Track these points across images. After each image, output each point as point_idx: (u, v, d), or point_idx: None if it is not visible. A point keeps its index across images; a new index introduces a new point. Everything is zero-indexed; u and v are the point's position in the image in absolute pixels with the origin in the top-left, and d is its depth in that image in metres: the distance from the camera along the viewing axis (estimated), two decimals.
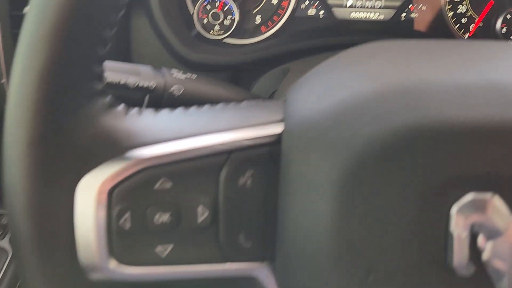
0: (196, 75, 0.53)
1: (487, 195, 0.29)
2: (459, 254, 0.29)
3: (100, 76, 0.33)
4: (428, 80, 0.31)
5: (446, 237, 0.30)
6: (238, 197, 0.34)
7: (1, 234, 0.79)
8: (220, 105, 0.38)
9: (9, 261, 0.77)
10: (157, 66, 0.52)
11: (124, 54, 0.78)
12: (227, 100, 0.46)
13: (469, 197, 0.29)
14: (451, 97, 0.30)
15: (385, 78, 0.32)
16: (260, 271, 0.36)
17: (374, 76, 0.33)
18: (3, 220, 0.80)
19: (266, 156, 0.34)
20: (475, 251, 0.30)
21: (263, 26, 0.81)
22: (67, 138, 0.31)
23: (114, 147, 0.32)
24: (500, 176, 0.29)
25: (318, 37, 0.78)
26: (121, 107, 0.34)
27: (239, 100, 0.42)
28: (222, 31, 0.79)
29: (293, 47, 0.78)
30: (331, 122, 0.31)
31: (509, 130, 0.29)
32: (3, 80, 0.71)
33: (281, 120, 0.35)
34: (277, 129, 0.34)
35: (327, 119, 0.32)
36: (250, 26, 0.80)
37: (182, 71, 0.53)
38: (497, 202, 0.29)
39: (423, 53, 0.35)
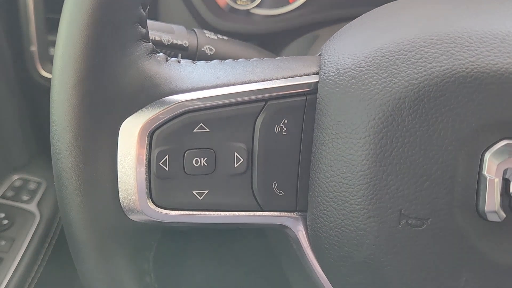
0: (227, 38, 0.54)
1: None
2: (491, 199, 0.30)
3: (144, 21, 0.34)
4: (465, 28, 0.32)
5: (478, 182, 0.31)
6: (273, 145, 0.35)
7: (29, 198, 0.81)
8: (255, 59, 0.39)
9: (37, 224, 0.79)
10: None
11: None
12: None
13: (503, 143, 0.30)
14: (488, 44, 0.31)
15: (423, 26, 0.33)
16: (292, 220, 0.37)
17: (412, 24, 0.33)
18: (30, 185, 0.83)
19: (301, 106, 0.35)
20: (506, 197, 0.30)
21: None
22: (112, 78, 0.32)
23: (155, 91, 0.33)
24: None
25: (346, 7, 0.78)
26: (161, 54, 0.35)
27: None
28: (249, 1, 0.79)
29: (320, 18, 0.78)
30: (369, 70, 0.32)
31: None
32: (33, 48, 0.72)
33: (317, 72, 0.36)
34: (313, 79, 0.35)
35: (365, 66, 0.32)
36: None
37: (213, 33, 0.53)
38: None
39: (460, 5, 0.35)
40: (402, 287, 0.32)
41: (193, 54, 0.50)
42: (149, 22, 0.49)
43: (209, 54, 0.50)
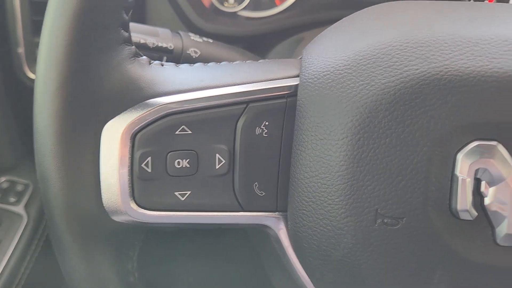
0: (212, 40, 0.55)
1: (492, 143, 0.31)
2: (463, 199, 0.31)
3: (126, 25, 0.34)
4: (440, 33, 0.33)
5: (451, 182, 0.31)
6: (254, 146, 0.35)
7: (17, 200, 0.81)
8: (238, 62, 0.40)
9: (25, 226, 0.79)
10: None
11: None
12: None
13: (474, 144, 0.31)
14: (461, 48, 0.32)
15: (400, 30, 0.33)
16: (273, 220, 0.37)
17: (389, 29, 0.34)
18: (17, 187, 0.83)
19: (282, 108, 0.36)
20: (478, 196, 0.31)
21: None
22: (95, 81, 0.32)
23: (138, 93, 0.34)
24: (505, 125, 0.31)
25: (332, 10, 0.79)
26: (145, 58, 0.36)
27: None
28: (236, 4, 0.80)
29: (307, 20, 0.79)
30: (347, 73, 0.33)
31: None
32: (21, 50, 0.72)
33: (297, 75, 0.36)
34: (293, 82, 0.36)
35: (343, 69, 0.33)
36: None
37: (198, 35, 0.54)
38: (500, 150, 0.31)
39: (436, 11, 0.36)
40: (378, 284, 0.33)
41: (178, 57, 0.50)
42: (134, 25, 0.49)
43: (194, 57, 0.51)
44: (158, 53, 0.49)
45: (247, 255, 0.52)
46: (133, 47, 0.35)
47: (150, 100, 0.34)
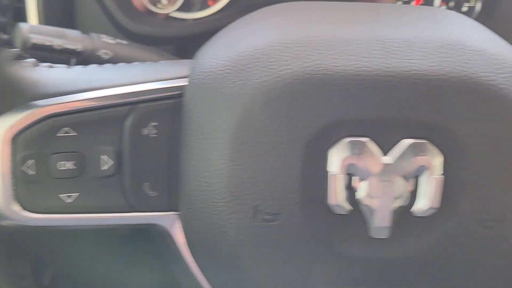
0: (127, 42, 0.54)
1: (362, 139, 0.32)
2: (335, 194, 0.32)
3: (3, 27, 0.34)
4: (318, 33, 0.34)
5: (325, 178, 0.32)
6: (142, 147, 0.36)
7: None
8: (135, 63, 0.40)
9: None
10: None
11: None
12: None
13: (345, 140, 0.32)
14: (335, 47, 0.32)
15: (281, 31, 0.34)
16: (166, 220, 0.37)
17: (272, 30, 0.35)
18: None
19: (170, 109, 0.36)
20: (351, 191, 0.32)
21: (210, 0, 0.82)
22: None
23: (20, 96, 0.34)
24: (374, 122, 0.32)
25: None
26: (30, 60, 0.36)
27: None
28: (170, 5, 0.80)
29: None
30: (227, 73, 0.34)
31: (384, 79, 0.32)
32: None
33: (187, 76, 0.37)
34: (183, 83, 0.36)
35: (224, 70, 0.34)
36: (197, 0, 0.81)
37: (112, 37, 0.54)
38: (370, 146, 0.32)
39: (323, 12, 0.37)
40: (260, 279, 0.34)
41: (88, 59, 0.50)
42: (39, 26, 0.49)
43: (105, 59, 0.51)
44: (65, 55, 0.49)
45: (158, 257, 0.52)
46: (16, 49, 0.35)
47: (33, 102, 0.34)
